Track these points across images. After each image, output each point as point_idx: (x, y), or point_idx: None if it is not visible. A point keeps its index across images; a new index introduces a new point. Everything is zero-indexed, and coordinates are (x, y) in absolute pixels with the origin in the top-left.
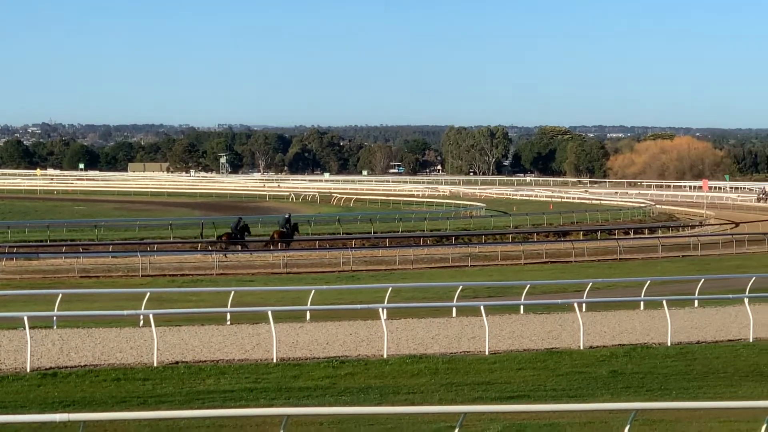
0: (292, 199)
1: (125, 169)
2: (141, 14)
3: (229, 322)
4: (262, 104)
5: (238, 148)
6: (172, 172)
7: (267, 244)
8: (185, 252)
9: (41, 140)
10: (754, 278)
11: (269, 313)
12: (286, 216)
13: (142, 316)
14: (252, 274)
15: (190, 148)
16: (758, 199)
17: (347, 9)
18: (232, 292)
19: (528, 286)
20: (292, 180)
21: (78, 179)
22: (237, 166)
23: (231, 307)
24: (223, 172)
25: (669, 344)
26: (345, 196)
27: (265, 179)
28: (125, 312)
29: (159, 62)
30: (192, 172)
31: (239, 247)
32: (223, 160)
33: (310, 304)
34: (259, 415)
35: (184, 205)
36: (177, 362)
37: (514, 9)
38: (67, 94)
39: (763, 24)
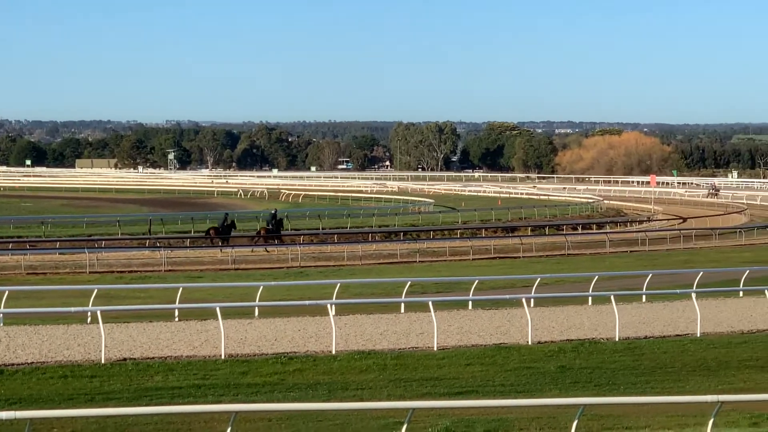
0: (241, 195)
1: (73, 166)
2: (87, 10)
3: (177, 319)
4: (210, 100)
5: (187, 145)
6: (120, 168)
7: (253, 239)
8: (133, 249)
9: None
10: (701, 273)
11: (217, 309)
12: (272, 212)
13: (89, 313)
14: (200, 271)
15: (138, 145)
16: (708, 195)
17: (294, 3)
18: (181, 289)
19: (476, 281)
20: (241, 176)
21: (25, 176)
22: (185, 162)
23: (179, 303)
24: (171, 169)
25: (617, 339)
26: (293, 193)
27: (214, 175)
28: (72, 309)
29: (106, 58)
30: (140, 168)
31: (220, 242)
32: (171, 156)
33: (259, 301)
34: (207, 411)
35: (132, 202)
36: (125, 359)
37: (460, 4)
38: (14, 90)
39: (710, 21)
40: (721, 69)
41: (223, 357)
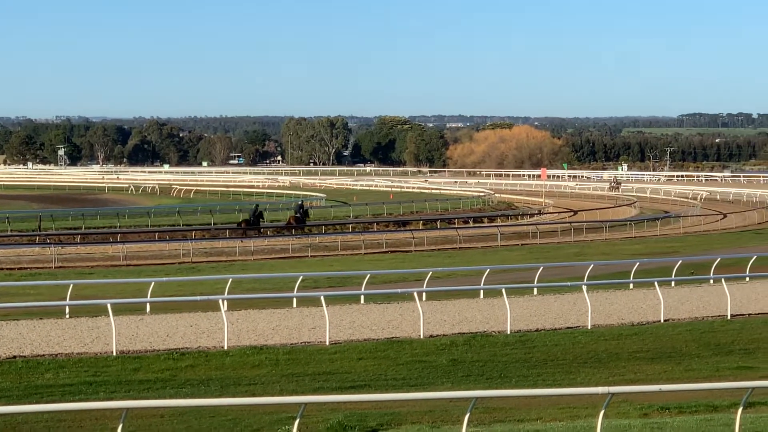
0: (132, 191)
1: None
2: None
3: (68, 316)
4: (100, 96)
5: (77, 140)
6: (9, 164)
7: (283, 229)
8: (23, 245)
9: None
10: (592, 266)
11: (109, 305)
12: (300, 202)
13: None
14: (91, 267)
15: (28, 141)
16: (610, 188)
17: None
18: (71, 285)
19: (368, 275)
20: (132, 172)
21: None
22: (76, 158)
23: (70, 300)
24: (61, 165)
25: (508, 332)
26: (185, 188)
27: (104, 171)
28: None
29: None
30: (30, 164)
31: (255, 233)
32: (61, 152)
33: (150, 297)
34: (98, 408)
35: (21, 198)
36: (15, 356)
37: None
38: None
39: (598, 16)
40: (610, 63)
41: (114, 354)
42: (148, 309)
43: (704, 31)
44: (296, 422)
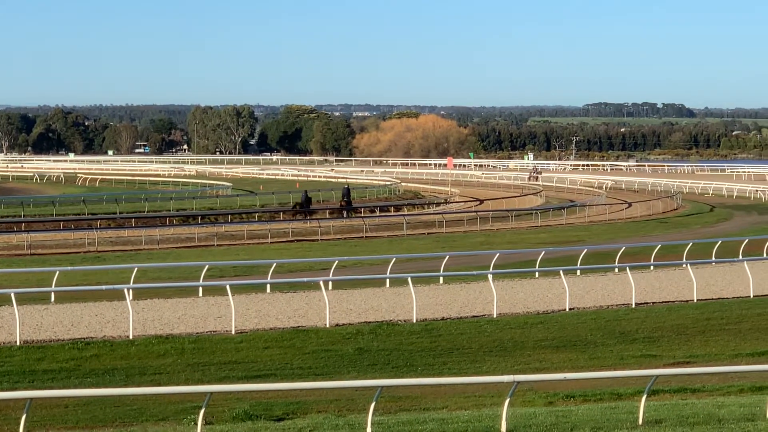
0: (36, 180)
1: None
2: None
3: None
4: (4, 83)
5: None
6: None
7: (335, 212)
8: None
9: None
10: (498, 254)
11: (12, 295)
12: (346, 187)
13: None
14: None
15: None
16: (530, 178)
17: None
18: None
19: (274, 264)
20: (37, 160)
21: None
22: None
23: None
24: None
25: (414, 321)
26: (90, 177)
27: (8, 160)
28: None
29: None
30: None
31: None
32: None
33: (55, 286)
34: (1, 398)
35: None
36: None
37: None
38: None
39: (503, 5)
40: (515, 52)
41: (18, 343)
42: (52, 298)
43: (609, 20)
44: (201, 411)
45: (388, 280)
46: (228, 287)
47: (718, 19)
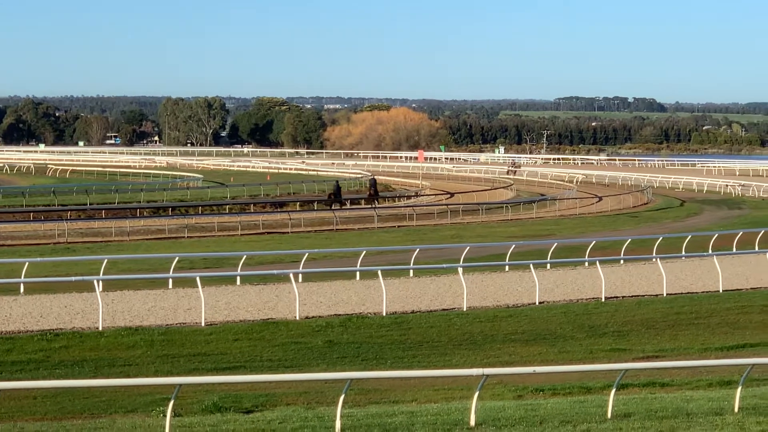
0: (7, 170)
1: None
2: None
3: None
4: None
5: None
6: None
7: (364, 200)
8: None
9: None
10: (468, 248)
11: None
12: (372, 177)
13: None
14: None
15: None
16: (508, 172)
17: None
18: None
19: (244, 257)
20: (7, 151)
21: None
22: None
23: None
24: None
25: (384, 314)
26: (61, 168)
27: None
28: None
29: None
30: None
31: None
32: None
33: (24, 277)
34: None
35: None
36: None
37: None
38: None
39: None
40: (487, 45)
41: None
42: (21, 289)
43: (580, 15)
44: (171, 403)
45: (358, 273)
46: (198, 279)
47: (689, 15)
